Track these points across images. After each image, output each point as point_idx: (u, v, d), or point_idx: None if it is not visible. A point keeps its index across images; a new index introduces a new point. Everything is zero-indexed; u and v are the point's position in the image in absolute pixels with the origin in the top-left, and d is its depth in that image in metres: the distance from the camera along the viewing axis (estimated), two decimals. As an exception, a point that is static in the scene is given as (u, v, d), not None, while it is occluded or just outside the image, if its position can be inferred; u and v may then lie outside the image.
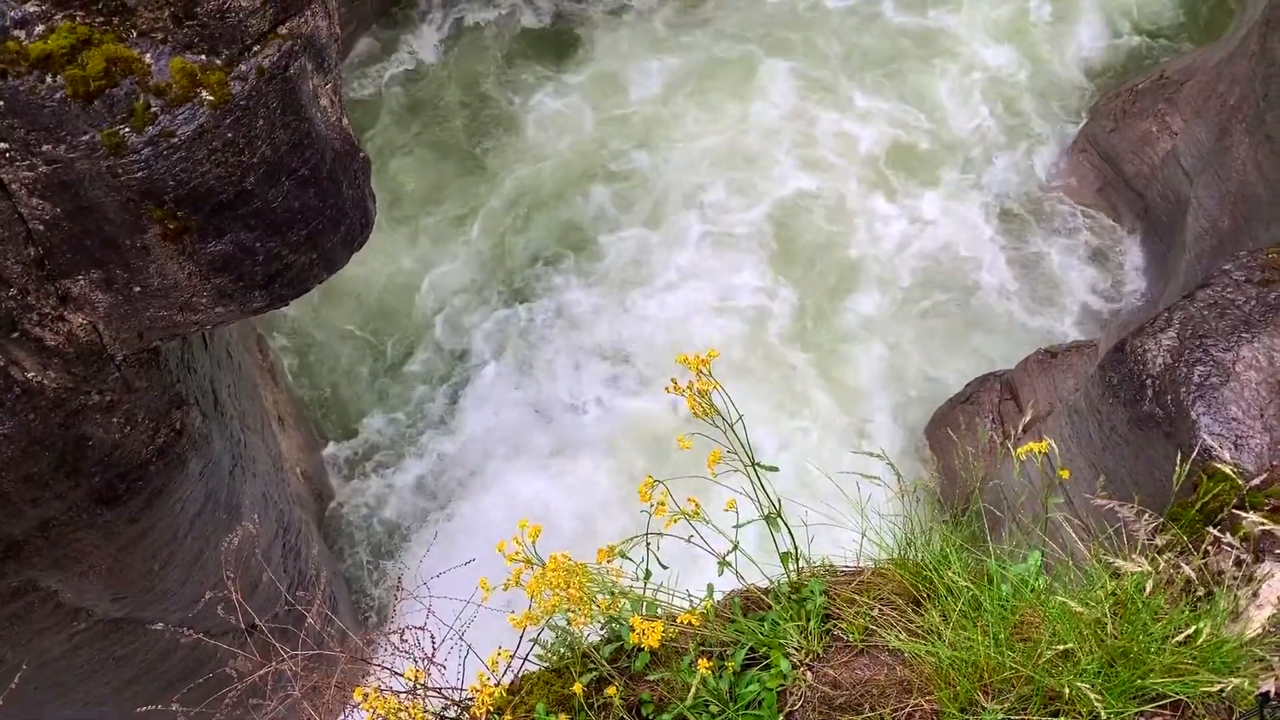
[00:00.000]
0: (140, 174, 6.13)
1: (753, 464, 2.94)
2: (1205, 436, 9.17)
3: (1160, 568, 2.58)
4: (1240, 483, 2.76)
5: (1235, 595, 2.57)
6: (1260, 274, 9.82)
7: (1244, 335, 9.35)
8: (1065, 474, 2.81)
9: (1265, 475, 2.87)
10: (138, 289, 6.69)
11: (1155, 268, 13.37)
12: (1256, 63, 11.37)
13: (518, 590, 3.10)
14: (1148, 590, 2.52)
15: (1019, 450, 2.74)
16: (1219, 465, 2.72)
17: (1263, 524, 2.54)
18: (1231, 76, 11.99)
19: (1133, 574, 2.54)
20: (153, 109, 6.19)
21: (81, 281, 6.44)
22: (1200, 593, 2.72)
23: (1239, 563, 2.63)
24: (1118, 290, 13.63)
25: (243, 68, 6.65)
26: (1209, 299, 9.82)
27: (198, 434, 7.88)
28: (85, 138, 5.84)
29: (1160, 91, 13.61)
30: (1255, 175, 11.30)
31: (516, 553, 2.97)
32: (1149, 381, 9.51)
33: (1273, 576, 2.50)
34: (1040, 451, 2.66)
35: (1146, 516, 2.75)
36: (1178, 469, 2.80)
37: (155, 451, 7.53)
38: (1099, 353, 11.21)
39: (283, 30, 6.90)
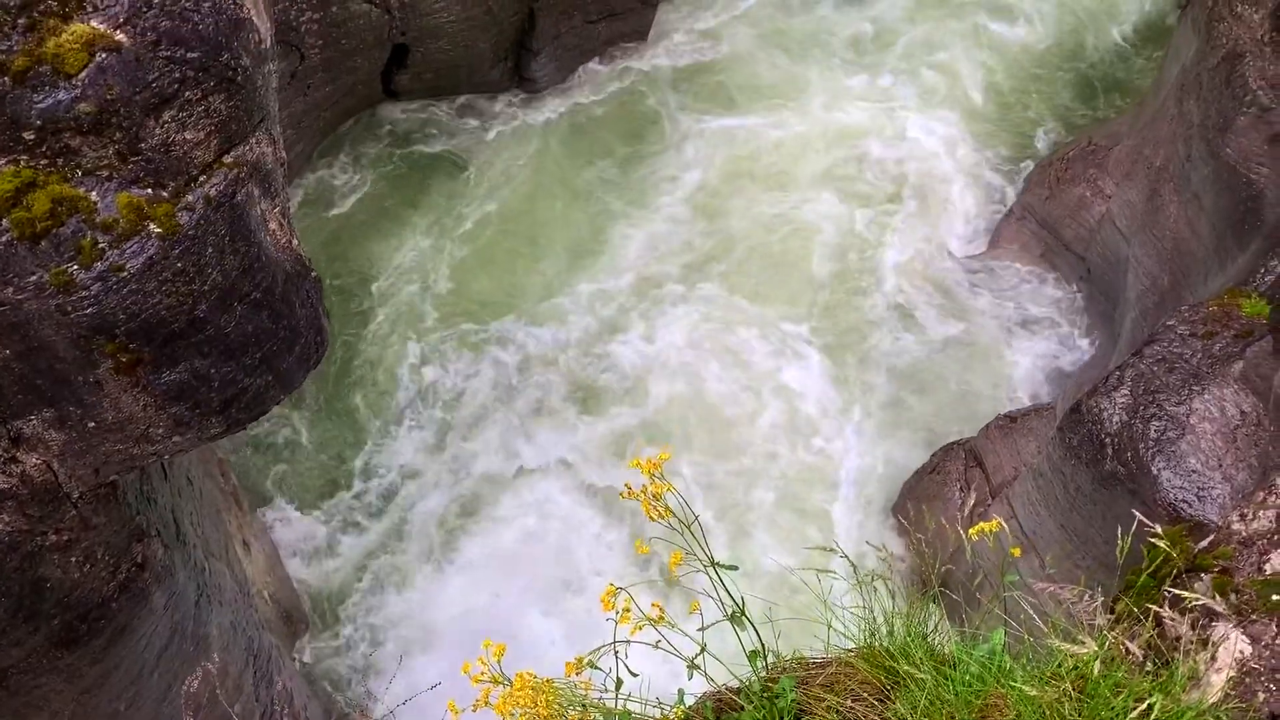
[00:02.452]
0: (90, 310, 6.14)
1: (712, 564, 2.95)
2: (1169, 490, 9.30)
3: (1108, 644, 2.60)
4: (1180, 549, 2.81)
5: (1194, 660, 2.58)
6: (1203, 327, 10.08)
7: (1194, 388, 9.55)
8: (1016, 552, 2.84)
9: (1212, 537, 2.91)
10: (92, 424, 6.63)
11: (1103, 327, 13.65)
12: (1177, 125, 11.82)
13: (488, 710, 3.05)
14: (1098, 668, 2.53)
15: (970, 531, 2.78)
16: (1155, 541, 2.76)
17: (1198, 599, 2.57)
18: (1155, 140, 12.44)
19: (1086, 653, 2.56)
20: (100, 245, 6.23)
21: (34, 421, 6.39)
22: (1159, 661, 2.73)
23: (1194, 625, 2.66)
24: (1069, 351, 13.88)
25: (190, 198, 6.72)
26: (1157, 354, 10.05)
27: (160, 566, 7.74)
28: (33, 278, 5.85)
29: (1090, 158, 14.08)
30: (1188, 232, 11.66)
31: (482, 673, 2.94)
32: (1108, 440, 9.66)
33: (1227, 639, 2.53)
34: (991, 531, 2.70)
35: (1088, 596, 2.78)
36: (1119, 542, 2.85)
37: (117, 588, 7.38)
38: (1057, 415, 11.36)
39: (228, 159, 7.00)
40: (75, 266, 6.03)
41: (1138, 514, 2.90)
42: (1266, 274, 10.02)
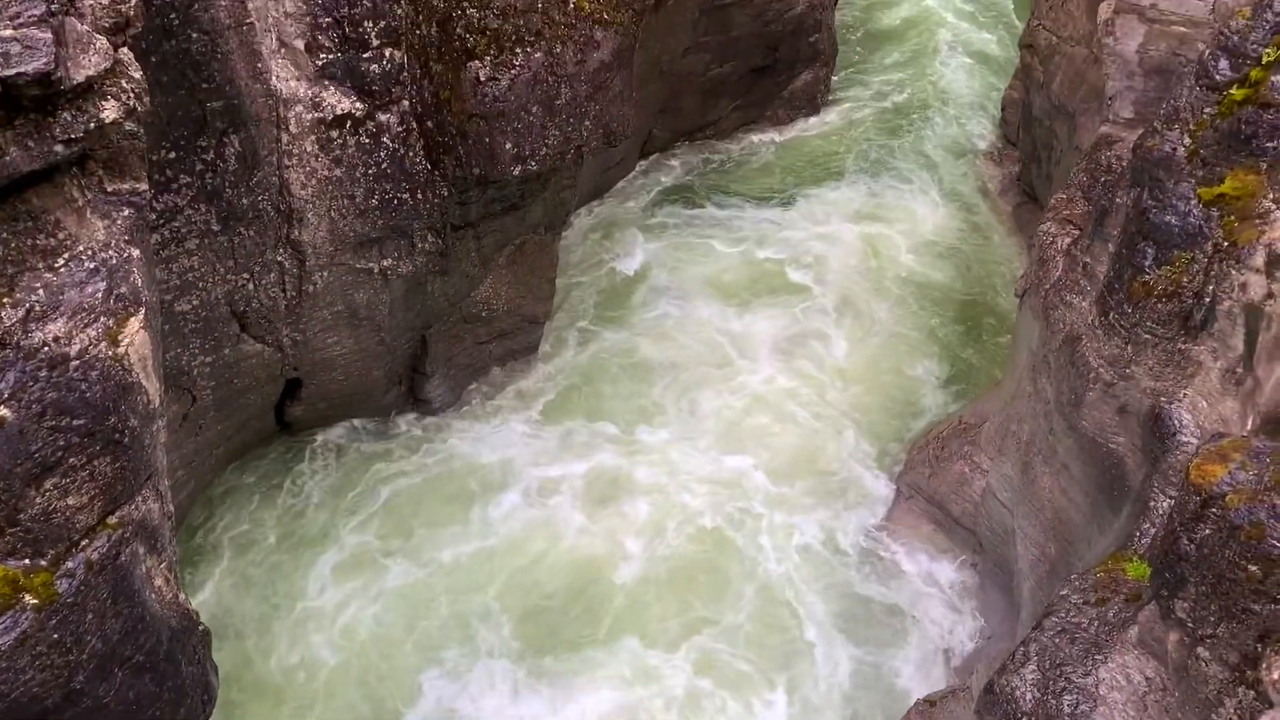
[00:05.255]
0: (-46, 698, 5.80)
1: None
2: (1093, 767, 9.18)
3: None
4: None
5: None
6: (1095, 594, 10.36)
7: (1097, 657, 9.67)
8: None
9: None
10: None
11: (1004, 598, 13.87)
12: (1035, 402, 12.67)
13: None
14: None
15: None
16: None
17: None
18: (1019, 416, 13.25)
19: None
20: (-30, 625, 5.97)
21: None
22: None
23: None
24: (976, 625, 13.99)
25: (70, 564, 6.56)
26: (1057, 626, 10.23)
27: None
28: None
29: (963, 435, 14.85)
30: (1064, 501, 12.21)
31: None
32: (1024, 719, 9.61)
33: None
34: None
35: None
36: None
37: None
38: (973, 695, 11.29)
39: (112, 520, 6.92)
40: (-60, 652, 5.75)
41: None
42: (1142, 537, 10.47)
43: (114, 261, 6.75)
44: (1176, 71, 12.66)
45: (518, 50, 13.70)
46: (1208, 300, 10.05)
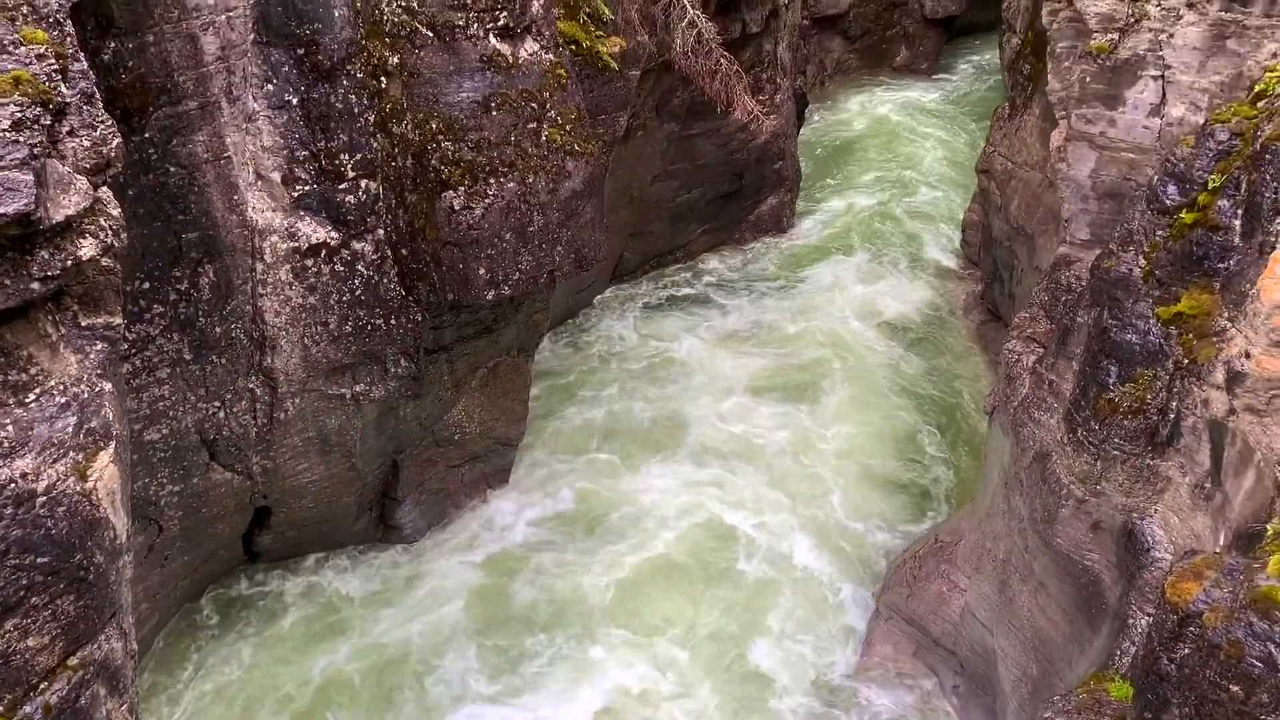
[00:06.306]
0: None
1: None
2: None
3: None
4: None
5: None
6: (1078, 716, 10.20)
7: (1085, 783, 9.48)
8: None
9: None
10: None
11: (989, 720, 13.63)
12: (1010, 519, 12.69)
13: None
14: None
15: None
16: None
17: None
18: (994, 534, 13.25)
19: None
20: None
21: None
22: None
23: None
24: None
25: (27, 709, 6.34)
26: (1042, 750, 10.04)
27: None
28: None
29: (940, 554, 14.79)
30: (1043, 619, 12.12)
31: None
32: None
33: None
34: None
35: None
36: None
37: None
38: (961, 825, 10.97)
39: (73, 661, 6.72)
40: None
41: None
42: (1122, 655, 10.37)
43: (85, 396, 6.72)
44: (1128, 195, 13.14)
45: (491, 180, 14.02)
46: (1172, 416, 10.21)
